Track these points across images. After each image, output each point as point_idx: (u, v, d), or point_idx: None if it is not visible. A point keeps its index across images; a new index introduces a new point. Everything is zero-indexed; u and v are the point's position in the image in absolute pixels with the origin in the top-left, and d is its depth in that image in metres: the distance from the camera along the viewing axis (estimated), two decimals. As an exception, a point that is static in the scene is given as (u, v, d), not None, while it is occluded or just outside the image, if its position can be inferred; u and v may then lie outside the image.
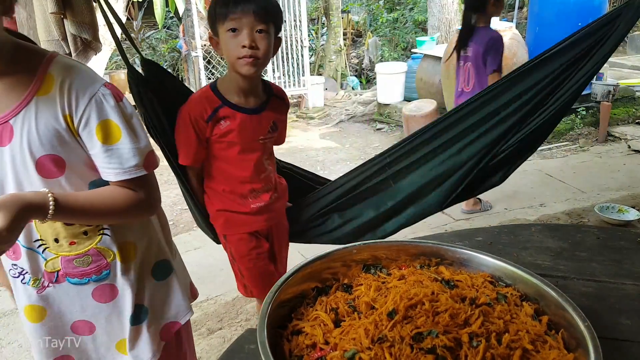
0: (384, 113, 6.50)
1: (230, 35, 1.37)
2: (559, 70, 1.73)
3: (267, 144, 1.58)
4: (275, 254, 1.77)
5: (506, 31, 5.11)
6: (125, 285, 1.15)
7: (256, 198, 1.61)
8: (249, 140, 1.52)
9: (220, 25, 1.39)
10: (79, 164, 1.04)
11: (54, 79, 0.97)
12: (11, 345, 2.41)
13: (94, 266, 1.11)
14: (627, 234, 1.42)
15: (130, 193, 1.06)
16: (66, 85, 0.97)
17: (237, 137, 1.50)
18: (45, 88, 0.96)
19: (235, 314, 2.56)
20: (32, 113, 0.96)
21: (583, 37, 1.72)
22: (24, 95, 0.95)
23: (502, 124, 1.75)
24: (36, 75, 0.96)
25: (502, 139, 1.76)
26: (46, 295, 1.11)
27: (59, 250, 1.08)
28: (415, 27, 9.96)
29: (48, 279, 1.10)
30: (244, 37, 1.36)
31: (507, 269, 0.98)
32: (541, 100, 1.74)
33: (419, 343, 0.78)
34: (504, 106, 1.76)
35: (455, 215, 3.62)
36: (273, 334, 0.85)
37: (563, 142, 5.16)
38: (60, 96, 0.96)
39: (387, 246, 1.07)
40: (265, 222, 1.66)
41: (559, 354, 0.78)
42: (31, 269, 1.08)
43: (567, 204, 3.72)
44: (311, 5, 10.27)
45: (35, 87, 0.96)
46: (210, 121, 1.47)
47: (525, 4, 9.35)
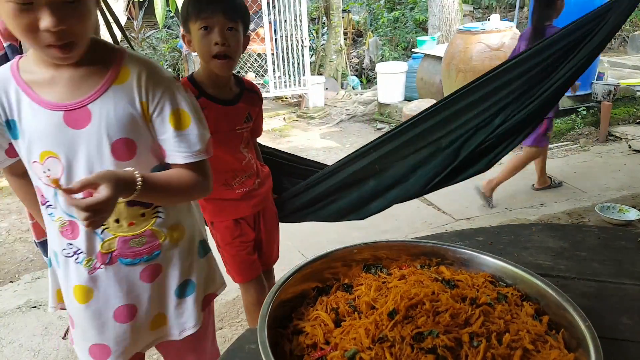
0: (385, 113, 6.50)
1: (203, 33, 1.46)
2: (546, 62, 1.77)
3: (243, 133, 1.66)
4: (263, 240, 1.85)
5: (507, 31, 5.12)
6: (172, 265, 1.22)
7: (240, 184, 1.69)
8: (226, 130, 1.60)
9: (192, 23, 1.48)
10: (146, 149, 1.12)
11: (129, 70, 1.07)
12: (12, 345, 2.41)
13: (147, 247, 1.17)
14: (627, 233, 1.42)
15: (193, 175, 1.15)
16: (143, 76, 1.07)
17: (214, 127, 1.52)
18: (122, 78, 1.06)
19: (235, 313, 2.56)
20: (111, 99, 1.04)
21: (572, 29, 1.77)
22: (101, 83, 1.04)
23: (486, 112, 1.81)
24: (112, 66, 1.06)
25: (487, 126, 1.81)
26: (96, 276, 1.15)
27: (117, 230, 1.13)
28: (416, 26, 9.95)
29: (101, 261, 1.14)
30: (215, 35, 1.46)
31: (508, 269, 0.98)
32: (527, 90, 1.79)
33: (419, 343, 0.78)
34: (490, 94, 1.81)
35: (456, 215, 3.62)
36: (274, 334, 0.85)
37: (563, 142, 5.16)
38: (137, 85, 1.06)
39: (388, 246, 1.07)
40: (251, 208, 1.74)
41: (560, 354, 0.78)
42: (87, 249, 1.12)
43: (568, 203, 3.72)
44: (312, 5, 10.27)
45: (112, 77, 1.05)
46: None
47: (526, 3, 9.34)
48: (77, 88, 1.03)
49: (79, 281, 1.14)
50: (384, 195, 1.90)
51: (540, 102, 1.77)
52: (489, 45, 5.04)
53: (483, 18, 9.78)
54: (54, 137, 1.03)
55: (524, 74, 1.78)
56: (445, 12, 7.31)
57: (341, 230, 3.47)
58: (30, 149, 1.04)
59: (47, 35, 0.91)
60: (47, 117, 1.02)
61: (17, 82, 1.03)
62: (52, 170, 1.05)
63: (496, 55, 5.01)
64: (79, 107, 1.03)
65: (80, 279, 1.14)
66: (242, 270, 1.80)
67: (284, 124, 6.67)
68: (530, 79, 1.78)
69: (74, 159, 1.05)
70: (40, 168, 1.05)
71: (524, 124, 1.81)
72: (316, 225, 2.15)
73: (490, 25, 5.22)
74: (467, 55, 5.09)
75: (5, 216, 4.03)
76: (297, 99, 7.38)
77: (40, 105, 1.02)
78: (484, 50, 5.04)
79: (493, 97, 1.81)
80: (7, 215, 4.04)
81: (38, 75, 1.03)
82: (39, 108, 1.02)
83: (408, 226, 3.49)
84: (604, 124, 5.08)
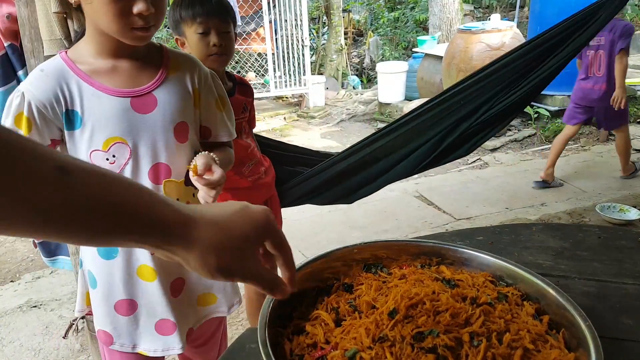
0: (385, 112, 6.50)
1: (199, 36, 1.58)
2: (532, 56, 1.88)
3: (242, 122, 1.79)
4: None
5: (507, 30, 5.12)
6: None
7: (249, 172, 1.80)
8: None
9: (187, 27, 1.59)
10: (193, 132, 1.23)
11: (178, 62, 1.20)
12: (12, 344, 2.42)
13: None
14: (628, 233, 1.42)
15: (230, 151, 1.32)
16: (192, 68, 1.21)
17: None
18: (174, 68, 1.18)
19: (236, 312, 2.56)
20: (170, 86, 1.16)
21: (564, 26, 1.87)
22: (159, 73, 1.15)
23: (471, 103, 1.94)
24: (162, 58, 1.18)
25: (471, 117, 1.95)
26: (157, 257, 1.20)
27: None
28: (416, 26, 9.95)
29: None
30: (213, 37, 1.59)
31: (508, 269, 0.97)
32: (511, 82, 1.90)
33: (419, 342, 0.78)
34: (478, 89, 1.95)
35: (457, 214, 3.62)
36: (274, 334, 0.85)
37: (564, 142, 5.16)
38: (189, 75, 1.20)
39: (388, 246, 1.07)
40: (262, 196, 1.88)
41: (560, 354, 0.78)
42: None
43: (569, 203, 3.72)
44: (312, 5, 10.27)
45: (166, 67, 1.17)
46: None
47: (526, 3, 9.34)
48: (137, 76, 1.12)
49: (145, 261, 1.19)
50: (373, 182, 2.08)
51: (524, 92, 1.90)
52: (490, 44, 5.04)
53: (483, 17, 9.78)
54: (122, 122, 1.09)
55: (510, 67, 1.91)
56: (446, 12, 7.31)
57: (341, 230, 3.48)
58: (92, 137, 1.08)
59: (137, 18, 1.02)
60: (114, 103, 1.08)
61: (76, 73, 1.08)
62: (118, 156, 1.11)
63: (497, 55, 4.99)
64: (145, 94, 1.12)
65: (146, 259, 1.19)
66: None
67: (285, 124, 6.67)
68: (516, 72, 1.90)
69: (140, 143, 1.12)
70: (103, 155, 1.10)
71: (506, 113, 1.96)
72: (316, 225, 2.17)
73: (491, 25, 5.23)
74: (467, 55, 5.09)
75: (6, 216, 4.03)
76: (297, 98, 7.38)
77: (105, 92, 1.08)
78: (484, 49, 5.04)
79: (480, 90, 1.95)
80: (8, 215, 4.04)
81: (97, 66, 1.09)
82: (104, 95, 1.08)
83: (408, 226, 3.49)
84: (605, 123, 5.08)
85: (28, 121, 1.05)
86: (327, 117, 6.97)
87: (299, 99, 7.34)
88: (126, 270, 1.20)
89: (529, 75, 1.89)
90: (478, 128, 1.97)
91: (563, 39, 1.85)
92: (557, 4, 5.14)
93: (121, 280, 1.20)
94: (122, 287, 1.20)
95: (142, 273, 1.20)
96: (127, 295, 1.21)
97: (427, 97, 5.71)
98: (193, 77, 1.21)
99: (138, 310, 1.23)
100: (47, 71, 1.08)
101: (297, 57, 6.95)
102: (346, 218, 3.63)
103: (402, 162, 2.03)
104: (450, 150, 2.02)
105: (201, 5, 1.56)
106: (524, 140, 5.29)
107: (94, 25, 1.07)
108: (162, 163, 1.16)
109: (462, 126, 1.95)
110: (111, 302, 1.21)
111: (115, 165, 1.11)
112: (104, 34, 1.07)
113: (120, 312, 1.22)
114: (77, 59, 1.10)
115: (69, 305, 2.68)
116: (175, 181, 1.19)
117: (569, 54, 1.86)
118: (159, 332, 1.23)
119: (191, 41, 1.60)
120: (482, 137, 2.03)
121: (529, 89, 1.89)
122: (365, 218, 3.65)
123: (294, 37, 6.91)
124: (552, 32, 1.88)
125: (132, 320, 1.23)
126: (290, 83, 6.96)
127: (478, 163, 4.84)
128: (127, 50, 1.11)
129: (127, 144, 1.11)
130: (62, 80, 1.07)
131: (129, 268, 1.20)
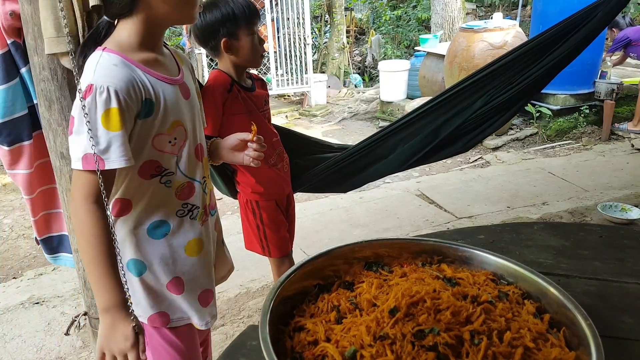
0: (387, 111, 6.49)
1: (251, 38, 1.74)
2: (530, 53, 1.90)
3: (265, 114, 1.92)
4: (290, 215, 2.09)
5: (510, 29, 5.10)
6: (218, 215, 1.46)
7: (278, 159, 1.93)
8: (255, 110, 1.85)
9: (243, 31, 1.73)
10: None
11: (179, 56, 1.29)
12: (15, 340, 2.43)
13: (215, 200, 1.42)
14: (629, 232, 1.42)
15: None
16: (186, 60, 1.32)
17: (248, 108, 1.82)
18: (180, 60, 1.27)
19: (237, 310, 2.57)
20: (187, 76, 1.27)
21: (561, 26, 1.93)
22: (177, 64, 1.24)
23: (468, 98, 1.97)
24: (171, 52, 1.26)
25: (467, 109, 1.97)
26: (206, 227, 1.31)
27: (209, 185, 1.36)
28: (419, 24, 9.93)
29: (206, 212, 1.32)
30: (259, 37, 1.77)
31: (509, 267, 0.98)
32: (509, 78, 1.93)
33: (420, 340, 0.78)
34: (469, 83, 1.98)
35: (458, 213, 3.62)
36: (275, 331, 0.85)
37: (566, 141, 5.15)
38: (190, 66, 1.32)
39: (389, 244, 1.07)
40: (287, 185, 1.99)
41: (561, 352, 0.78)
42: (201, 203, 1.28)
43: (570, 202, 3.71)
44: (314, 3, 10.25)
45: (177, 60, 1.25)
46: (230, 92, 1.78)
47: (529, 2, 9.32)
48: (170, 67, 1.21)
49: (195, 235, 1.27)
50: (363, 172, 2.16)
51: (521, 89, 1.92)
52: (492, 43, 5.03)
53: (486, 16, 9.76)
54: (179, 107, 1.19)
55: (507, 64, 1.94)
56: (448, 10, 7.30)
57: (343, 228, 3.48)
58: (161, 122, 1.15)
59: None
60: (170, 90, 1.17)
61: (134, 64, 1.10)
62: (178, 138, 1.20)
63: (499, 54, 4.97)
64: (181, 81, 1.22)
65: (195, 233, 1.27)
66: (281, 246, 2.01)
67: (286, 122, 6.67)
68: (513, 69, 1.93)
69: (189, 125, 1.22)
70: (167, 138, 1.17)
71: (502, 108, 1.98)
72: (318, 223, 2.17)
73: (493, 24, 5.21)
74: (469, 54, 5.07)
75: (9, 212, 4.04)
76: (299, 96, 7.37)
77: (164, 80, 1.15)
78: (486, 48, 5.03)
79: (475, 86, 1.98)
80: (11, 212, 4.05)
81: (145, 57, 1.14)
82: (163, 83, 1.15)
83: (410, 224, 3.49)
84: (607, 122, 5.07)
85: (120, 113, 1.03)
86: (329, 115, 6.97)
87: (301, 97, 7.33)
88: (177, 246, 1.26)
89: (525, 72, 1.91)
90: (475, 123, 1.99)
91: (560, 37, 1.88)
92: (559, 2, 5.12)
93: (170, 258, 1.24)
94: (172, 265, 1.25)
95: (191, 248, 1.27)
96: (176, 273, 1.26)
97: (429, 95, 5.70)
98: (192, 69, 1.35)
99: (184, 286, 1.27)
100: (118, 64, 1.07)
101: (299, 55, 6.94)
102: (348, 216, 3.63)
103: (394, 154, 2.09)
104: (445, 145, 2.05)
105: (248, 8, 1.72)
106: (526, 139, 5.28)
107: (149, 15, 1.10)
108: (200, 143, 1.29)
109: (455, 121, 1.99)
110: (164, 281, 1.24)
111: (175, 147, 1.19)
112: (153, 25, 1.13)
113: (172, 291, 1.26)
114: (126, 52, 1.10)
115: (71, 302, 2.69)
116: (207, 159, 1.35)
117: (566, 51, 1.87)
118: (203, 305, 1.30)
119: (247, 43, 1.74)
120: (479, 133, 2.04)
121: (525, 86, 1.92)
122: (367, 216, 3.65)
123: (296, 36, 6.90)
124: (549, 32, 1.90)
125: (183, 297, 1.27)
126: (292, 81, 6.96)
127: (479, 162, 4.83)
128: (160, 43, 1.20)
129: (184, 126, 1.20)
130: (131, 70, 1.09)
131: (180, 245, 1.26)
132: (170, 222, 1.24)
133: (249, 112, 1.81)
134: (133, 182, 1.17)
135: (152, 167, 1.18)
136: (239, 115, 1.79)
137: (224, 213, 3.72)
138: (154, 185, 1.19)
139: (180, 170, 1.22)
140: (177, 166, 1.22)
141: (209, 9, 1.71)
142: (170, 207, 1.23)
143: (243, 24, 1.72)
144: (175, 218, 1.24)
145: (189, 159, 1.23)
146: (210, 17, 1.70)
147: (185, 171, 1.23)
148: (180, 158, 1.21)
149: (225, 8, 1.70)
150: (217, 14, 1.70)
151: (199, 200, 1.27)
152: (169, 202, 1.23)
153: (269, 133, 1.88)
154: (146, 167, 1.17)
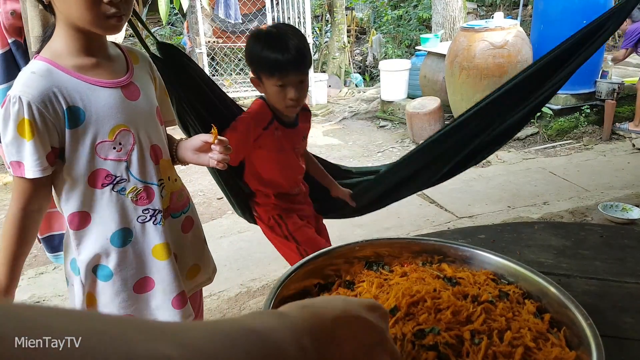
0: (388, 110, 6.49)
1: (277, 89, 1.56)
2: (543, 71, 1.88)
3: (299, 150, 1.83)
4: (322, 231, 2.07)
5: (511, 29, 5.10)
6: (197, 216, 1.43)
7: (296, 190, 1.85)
8: (288, 149, 1.74)
9: (265, 76, 1.56)
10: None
11: (135, 55, 1.27)
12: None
13: (184, 200, 1.38)
14: (630, 232, 1.42)
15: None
16: (144, 58, 1.31)
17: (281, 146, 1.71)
18: (135, 60, 1.26)
19: (238, 310, 2.57)
20: (140, 76, 1.24)
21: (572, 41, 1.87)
22: (128, 64, 1.23)
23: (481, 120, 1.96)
24: (124, 52, 1.24)
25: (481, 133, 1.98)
26: (166, 230, 1.28)
27: (171, 186, 1.32)
28: (419, 24, 9.93)
29: (165, 216, 1.29)
30: (290, 91, 1.56)
31: (510, 267, 0.98)
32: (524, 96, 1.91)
33: (420, 340, 0.78)
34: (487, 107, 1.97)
35: (458, 213, 3.62)
36: (275, 330, 0.85)
37: (567, 140, 5.14)
38: (147, 65, 1.31)
39: (390, 243, 1.07)
40: (309, 206, 1.94)
41: (561, 352, 0.78)
42: (161, 207, 1.26)
43: (571, 202, 3.71)
44: (315, 2, 10.24)
45: (130, 60, 1.24)
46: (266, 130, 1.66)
47: (530, 1, 9.31)
48: (115, 69, 1.18)
49: (160, 240, 1.26)
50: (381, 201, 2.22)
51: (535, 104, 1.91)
52: (493, 43, 5.02)
53: (487, 16, 9.76)
54: (121, 110, 1.15)
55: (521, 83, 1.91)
56: (449, 10, 7.29)
57: (343, 228, 3.48)
58: (98, 128, 1.12)
59: (109, 7, 1.04)
60: (109, 94, 1.14)
61: (64, 71, 1.09)
62: (124, 143, 1.17)
63: (499, 53, 4.99)
64: (129, 83, 1.19)
65: (160, 238, 1.26)
66: (314, 246, 1.98)
67: (287, 121, 6.67)
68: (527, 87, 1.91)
69: (139, 128, 1.19)
70: (110, 145, 1.14)
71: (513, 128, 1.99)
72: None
73: (494, 23, 5.21)
74: (470, 53, 5.07)
75: (9, 212, 4.05)
76: (300, 96, 7.36)
77: (99, 85, 1.13)
78: (487, 47, 5.03)
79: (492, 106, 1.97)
80: (11, 211, 4.05)
81: (80, 62, 1.12)
82: (99, 88, 1.13)
83: (410, 224, 3.49)
84: (608, 122, 5.06)
85: (31, 125, 1.04)
86: (330, 114, 6.97)
87: (302, 97, 7.33)
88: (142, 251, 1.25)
89: (540, 89, 1.89)
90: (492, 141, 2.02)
91: (572, 52, 1.85)
92: (560, 2, 5.12)
93: (138, 262, 1.24)
94: (140, 268, 1.25)
95: (157, 252, 1.26)
96: (144, 274, 1.26)
97: (429, 95, 5.70)
98: (150, 67, 1.32)
99: (155, 287, 1.27)
100: (38, 72, 1.07)
101: (299, 54, 6.94)
102: (348, 216, 3.63)
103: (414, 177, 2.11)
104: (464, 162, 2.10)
105: (281, 54, 1.50)
106: (527, 139, 5.27)
107: (68, 21, 1.08)
108: (156, 144, 1.25)
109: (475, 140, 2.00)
110: (130, 285, 1.25)
111: (122, 152, 1.16)
112: (79, 31, 1.09)
113: (138, 292, 1.26)
114: (57, 59, 1.10)
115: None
116: (167, 160, 1.30)
117: (577, 64, 1.85)
118: (176, 307, 1.29)
119: (269, 89, 1.59)
120: (490, 149, 2.09)
121: (539, 101, 1.91)
122: (367, 216, 3.63)
123: (297, 35, 6.90)
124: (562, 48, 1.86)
125: (151, 296, 1.28)
126: (292, 81, 6.95)
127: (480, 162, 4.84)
128: (101, 46, 1.17)
129: (130, 130, 1.17)
130: (55, 78, 1.07)
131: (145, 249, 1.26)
132: (132, 229, 1.22)
133: (281, 150, 1.69)
134: (87, 194, 1.16)
135: (102, 176, 1.16)
136: (268, 151, 1.68)
137: (224, 212, 3.72)
138: (108, 194, 1.18)
139: (132, 175, 1.19)
140: (129, 172, 1.19)
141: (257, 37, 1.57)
142: (130, 214, 1.21)
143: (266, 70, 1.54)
144: (136, 224, 1.22)
145: (142, 162, 1.20)
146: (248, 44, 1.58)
147: (138, 176, 1.20)
148: (131, 163, 1.18)
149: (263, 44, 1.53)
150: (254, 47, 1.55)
151: (160, 204, 1.25)
152: (128, 210, 1.21)
153: (296, 170, 1.81)
154: (95, 177, 1.16)
